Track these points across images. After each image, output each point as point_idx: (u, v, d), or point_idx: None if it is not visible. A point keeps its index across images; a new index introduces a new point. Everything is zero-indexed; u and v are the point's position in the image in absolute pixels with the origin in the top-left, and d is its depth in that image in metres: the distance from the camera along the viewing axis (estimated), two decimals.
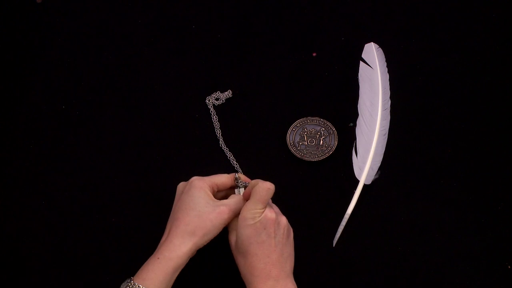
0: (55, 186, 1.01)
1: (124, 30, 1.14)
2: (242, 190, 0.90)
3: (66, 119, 1.06)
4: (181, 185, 0.89)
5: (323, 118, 1.05)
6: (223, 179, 0.89)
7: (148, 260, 0.83)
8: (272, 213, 0.83)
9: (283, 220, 0.85)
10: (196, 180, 0.86)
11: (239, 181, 0.90)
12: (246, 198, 0.86)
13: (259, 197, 0.83)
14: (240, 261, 0.83)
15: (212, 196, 0.86)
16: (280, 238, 0.83)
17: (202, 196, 0.85)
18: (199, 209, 0.84)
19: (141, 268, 0.82)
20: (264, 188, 0.84)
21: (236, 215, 0.86)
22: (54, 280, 0.95)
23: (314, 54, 1.12)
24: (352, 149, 1.02)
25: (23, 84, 1.09)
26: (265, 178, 0.91)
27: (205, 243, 0.85)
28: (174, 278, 0.83)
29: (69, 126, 1.06)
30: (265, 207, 0.84)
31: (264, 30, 1.14)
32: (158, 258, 0.82)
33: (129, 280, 0.81)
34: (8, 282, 0.95)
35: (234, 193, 0.90)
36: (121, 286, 0.81)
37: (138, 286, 0.80)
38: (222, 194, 0.91)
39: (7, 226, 0.98)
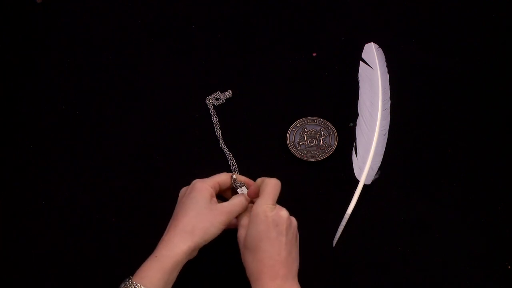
0: (55, 186, 1.01)
1: (124, 30, 1.14)
2: (244, 189, 0.90)
3: (66, 119, 1.06)
4: (183, 189, 0.89)
5: (323, 118, 1.05)
6: (223, 177, 0.90)
7: (147, 259, 0.83)
8: (285, 212, 0.84)
9: (294, 221, 0.86)
10: (198, 183, 0.87)
11: (236, 182, 0.91)
12: (252, 196, 0.88)
13: (268, 193, 0.84)
14: (248, 258, 0.83)
15: (214, 197, 0.87)
16: (290, 237, 0.84)
17: (203, 198, 0.85)
18: (198, 210, 0.84)
19: (140, 267, 0.83)
20: (271, 184, 0.85)
21: (234, 216, 0.87)
22: (54, 279, 0.95)
23: (314, 54, 1.12)
24: (352, 149, 1.02)
25: (23, 84, 1.09)
26: None
27: (204, 243, 0.85)
28: (173, 277, 0.83)
29: (69, 126, 1.06)
30: (275, 204, 0.85)
31: (264, 30, 1.14)
32: (156, 257, 0.82)
33: (127, 279, 0.81)
34: (8, 282, 0.95)
35: (237, 193, 0.91)
36: (121, 285, 0.81)
37: (136, 285, 0.80)
38: (225, 192, 0.92)
39: (7, 226, 0.98)
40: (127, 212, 0.99)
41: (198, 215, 0.84)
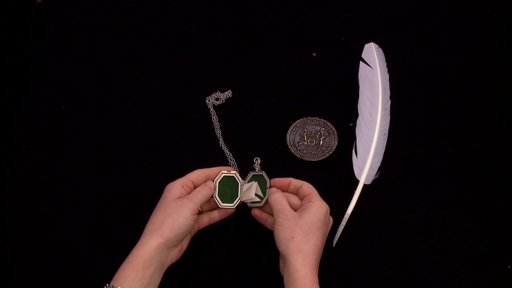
0: (55, 186, 1.01)
1: (124, 30, 1.14)
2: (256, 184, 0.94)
3: (66, 119, 1.06)
4: None
5: (323, 118, 1.05)
6: (195, 174, 0.93)
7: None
8: (332, 220, 0.92)
9: None
10: (168, 185, 0.91)
11: (257, 166, 0.96)
12: (276, 185, 0.93)
13: (319, 196, 0.91)
14: (301, 237, 0.86)
15: (183, 193, 0.90)
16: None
17: (171, 195, 0.89)
18: (165, 206, 0.88)
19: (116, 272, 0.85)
20: (314, 188, 0.92)
21: (200, 203, 0.89)
22: (54, 279, 0.95)
23: (314, 54, 1.12)
24: (352, 149, 1.02)
25: (23, 84, 1.10)
26: None
27: (177, 237, 0.86)
28: (149, 275, 0.84)
29: (69, 126, 1.06)
30: None
31: (264, 30, 1.14)
32: (128, 258, 0.85)
33: (106, 285, 0.83)
34: (8, 282, 0.95)
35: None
36: None
37: (112, 287, 0.82)
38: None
39: (7, 226, 0.98)
40: (127, 212, 0.99)
41: (165, 210, 0.87)
